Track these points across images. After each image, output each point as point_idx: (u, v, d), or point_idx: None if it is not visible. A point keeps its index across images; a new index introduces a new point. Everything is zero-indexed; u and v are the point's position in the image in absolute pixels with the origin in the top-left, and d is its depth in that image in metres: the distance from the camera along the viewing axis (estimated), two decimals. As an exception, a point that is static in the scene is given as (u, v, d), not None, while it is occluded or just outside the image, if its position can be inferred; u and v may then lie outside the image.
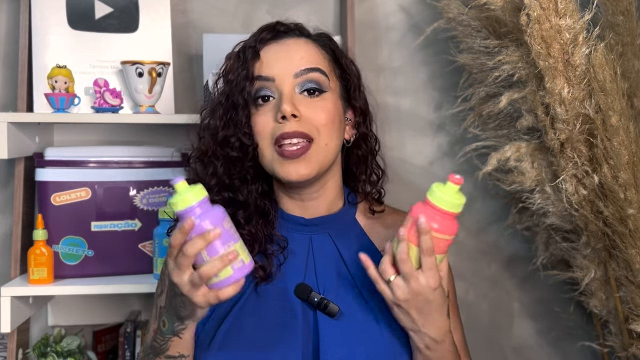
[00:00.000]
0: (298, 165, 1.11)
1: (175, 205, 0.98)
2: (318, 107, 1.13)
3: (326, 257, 1.17)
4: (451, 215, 1.03)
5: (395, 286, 1.04)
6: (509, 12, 1.52)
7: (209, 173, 1.16)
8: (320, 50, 1.18)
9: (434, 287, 1.03)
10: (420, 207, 1.04)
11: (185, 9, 1.85)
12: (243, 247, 1.01)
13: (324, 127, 1.12)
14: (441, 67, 1.90)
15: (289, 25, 1.19)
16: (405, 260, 1.02)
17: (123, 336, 1.72)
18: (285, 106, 1.10)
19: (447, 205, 1.02)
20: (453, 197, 1.02)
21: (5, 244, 1.78)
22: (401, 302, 1.04)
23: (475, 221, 1.93)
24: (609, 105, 1.40)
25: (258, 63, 1.15)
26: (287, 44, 1.16)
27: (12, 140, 1.56)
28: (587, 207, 1.51)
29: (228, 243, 0.98)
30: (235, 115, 1.15)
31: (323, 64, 1.16)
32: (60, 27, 1.69)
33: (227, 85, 1.17)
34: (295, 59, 1.14)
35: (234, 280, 0.99)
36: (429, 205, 1.03)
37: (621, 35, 1.52)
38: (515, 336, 1.96)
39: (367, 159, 1.24)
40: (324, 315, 1.12)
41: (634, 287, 1.50)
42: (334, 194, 1.20)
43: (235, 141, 1.14)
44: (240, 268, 0.99)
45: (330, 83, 1.16)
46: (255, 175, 1.16)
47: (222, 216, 0.99)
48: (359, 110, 1.22)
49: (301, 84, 1.13)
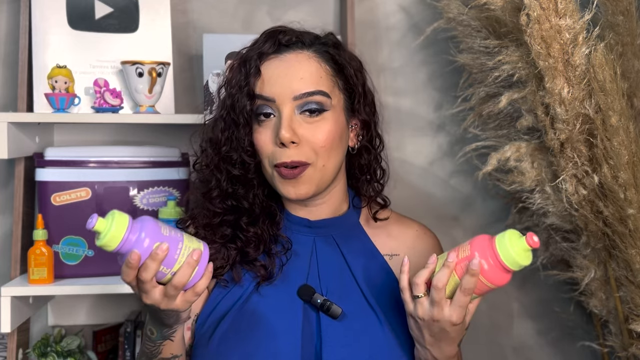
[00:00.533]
0: (297, 186, 1.13)
1: (108, 246, 0.96)
2: (318, 129, 1.13)
3: (330, 259, 1.18)
4: (508, 269, 1.00)
5: (419, 304, 1.04)
6: (509, 12, 1.51)
7: (212, 183, 1.17)
8: (322, 65, 1.16)
9: (454, 323, 1.03)
10: (483, 244, 1.01)
11: (185, 9, 1.85)
12: (190, 238, 1.00)
13: (322, 149, 1.12)
14: (441, 67, 1.90)
15: (291, 37, 1.17)
16: (440, 289, 1.01)
17: (123, 336, 1.72)
18: (284, 132, 1.10)
19: (509, 260, 0.99)
20: (520, 255, 0.99)
21: (5, 244, 1.78)
22: (419, 319, 1.05)
23: (475, 221, 1.93)
24: (609, 105, 1.40)
25: (259, 81, 1.14)
26: (288, 60, 1.15)
27: (12, 140, 1.56)
28: (587, 207, 1.51)
29: (177, 246, 0.98)
30: (237, 132, 1.15)
31: (324, 83, 1.14)
32: (60, 27, 1.69)
33: (228, 98, 1.17)
34: (296, 80, 1.13)
35: (202, 272, 0.99)
36: (492, 249, 0.99)
37: (621, 35, 1.52)
38: (515, 336, 1.96)
39: (371, 166, 1.24)
40: (326, 316, 1.12)
41: (634, 287, 1.50)
42: (339, 199, 1.21)
43: (237, 158, 1.15)
44: (202, 258, 0.99)
45: (333, 100, 1.15)
46: (260, 180, 1.17)
47: (156, 227, 0.97)
48: (363, 121, 1.21)
49: (301, 105, 1.13)
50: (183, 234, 1.00)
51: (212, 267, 1.01)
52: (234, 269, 1.14)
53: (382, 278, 1.17)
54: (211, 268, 1.01)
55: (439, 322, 1.03)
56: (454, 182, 1.93)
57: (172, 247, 0.97)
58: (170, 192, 1.68)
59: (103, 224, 0.95)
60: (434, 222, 1.78)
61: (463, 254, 1.01)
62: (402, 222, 1.26)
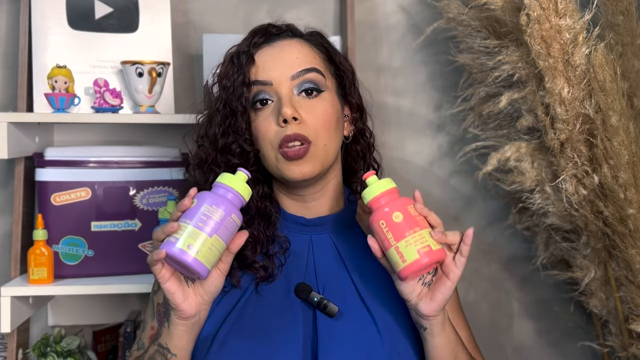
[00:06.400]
0: (302, 165, 1.12)
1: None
2: (317, 109, 1.14)
3: (326, 257, 1.18)
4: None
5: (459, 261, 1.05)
6: (509, 12, 1.52)
7: (209, 180, 1.16)
8: (314, 49, 1.19)
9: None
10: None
11: (185, 9, 1.85)
12: (199, 237, 1.00)
13: (322, 128, 1.13)
14: (441, 67, 1.90)
15: (280, 26, 1.20)
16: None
17: (123, 336, 1.72)
18: (286, 109, 1.10)
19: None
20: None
21: (5, 244, 1.78)
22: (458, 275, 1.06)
23: (475, 221, 1.93)
24: (609, 105, 1.40)
25: (253, 68, 1.15)
26: (280, 46, 1.17)
27: (12, 140, 1.56)
28: (587, 207, 1.51)
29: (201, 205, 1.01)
30: (235, 121, 1.15)
31: (318, 63, 1.17)
32: (60, 27, 1.69)
33: (223, 91, 1.17)
34: (291, 60, 1.15)
35: (163, 249, 0.99)
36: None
37: (621, 35, 1.52)
38: (515, 336, 1.96)
39: (366, 154, 1.25)
40: (323, 315, 1.12)
41: (634, 287, 1.50)
42: (335, 194, 1.21)
43: (236, 148, 1.15)
44: (167, 244, 1.00)
45: (327, 82, 1.17)
46: (256, 179, 1.17)
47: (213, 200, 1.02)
48: (356, 106, 1.23)
49: (299, 85, 1.14)
50: (202, 232, 1.01)
51: (162, 256, 1.00)
52: (232, 273, 1.14)
53: (378, 275, 1.17)
54: (162, 256, 1.00)
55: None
56: (454, 182, 1.94)
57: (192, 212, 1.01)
58: (170, 192, 1.68)
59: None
60: (434, 222, 1.79)
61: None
62: None
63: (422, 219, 1.05)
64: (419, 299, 1.06)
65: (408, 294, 1.06)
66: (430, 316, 1.06)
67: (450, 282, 1.05)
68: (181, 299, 1.04)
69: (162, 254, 0.99)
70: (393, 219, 1.03)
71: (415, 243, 1.02)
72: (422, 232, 1.03)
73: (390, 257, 1.04)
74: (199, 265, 0.99)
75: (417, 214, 1.04)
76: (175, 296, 1.03)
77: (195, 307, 1.05)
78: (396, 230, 1.02)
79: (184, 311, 1.04)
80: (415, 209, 1.05)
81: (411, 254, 1.01)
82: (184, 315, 1.05)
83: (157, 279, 1.02)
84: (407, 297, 1.07)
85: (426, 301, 1.06)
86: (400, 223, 1.03)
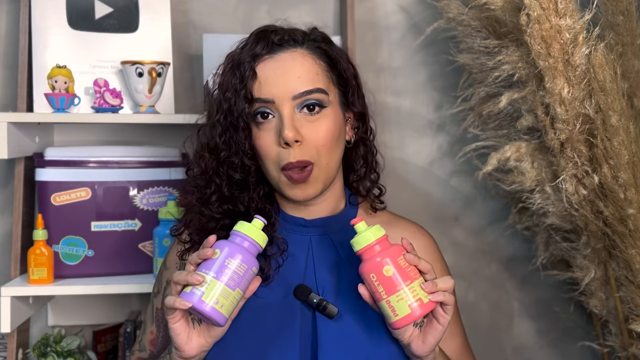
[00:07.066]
0: (305, 189, 1.13)
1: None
2: (319, 127, 1.13)
3: (326, 259, 1.17)
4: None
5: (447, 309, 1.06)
6: (509, 12, 1.52)
7: (211, 189, 1.17)
8: (317, 61, 1.16)
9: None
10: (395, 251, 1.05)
11: (185, 9, 1.85)
12: (223, 291, 1.02)
13: (324, 147, 1.13)
14: (441, 67, 1.90)
15: (282, 35, 1.16)
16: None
17: (123, 336, 1.72)
18: (288, 132, 1.10)
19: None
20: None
21: (5, 244, 1.78)
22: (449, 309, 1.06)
23: (475, 221, 1.93)
24: (609, 105, 1.40)
25: (256, 83, 1.14)
26: (283, 60, 1.14)
27: (12, 140, 1.56)
28: (587, 207, 1.51)
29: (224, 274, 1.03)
30: (236, 135, 1.15)
31: (321, 80, 1.15)
32: (60, 27, 1.69)
33: (224, 102, 1.16)
34: (293, 79, 1.13)
35: (188, 300, 1.01)
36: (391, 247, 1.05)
37: (621, 35, 1.52)
38: (515, 336, 1.96)
39: (367, 157, 1.25)
40: (322, 316, 1.12)
41: (634, 287, 1.50)
42: (336, 197, 1.21)
43: (237, 162, 1.15)
44: (191, 296, 1.02)
45: (330, 96, 1.15)
46: (256, 182, 1.17)
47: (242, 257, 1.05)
48: (358, 113, 1.22)
49: (300, 103, 1.13)
50: (232, 289, 1.04)
51: (185, 306, 1.02)
52: None
53: None
54: (184, 306, 1.02)
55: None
56: (454, 182, 1.94)
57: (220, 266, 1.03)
58: (170, 192, 1.68)
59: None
60: (434, 222, 1.79)
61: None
62: (398, 222, 1.26)
63: (413, 269, 1.04)
64: (411, 339, 1.07)
65: (400, 335, 1.07)
66: (422, 356, 1.08)
67: (441, 326, 1.05)
68: (185, 341, 1.05)
69: (187, 305, 1.01)
70: (384, 273, 1.03)
71: (407, 298, 1.02)
72: (413, 285, 1.02)
73: (382, 309, 1.04)
74: (220, 317, 1.02)
75: (408, 264, 1.04)
76: (179, 337, 1.05)
77: (197, 349, 1.06)
78: (387, 284, 1.03)
79: (186, 352, 1.06)
80: (405, 259, 1.04)
81: (403, 309, 1.02)
82: (184, 355, 1.06)
83: (167, 318, 1.04)
84: (399, 337, 1.08)
85: (418, 343, 1.07)
86: (391, 277, 1.03)
